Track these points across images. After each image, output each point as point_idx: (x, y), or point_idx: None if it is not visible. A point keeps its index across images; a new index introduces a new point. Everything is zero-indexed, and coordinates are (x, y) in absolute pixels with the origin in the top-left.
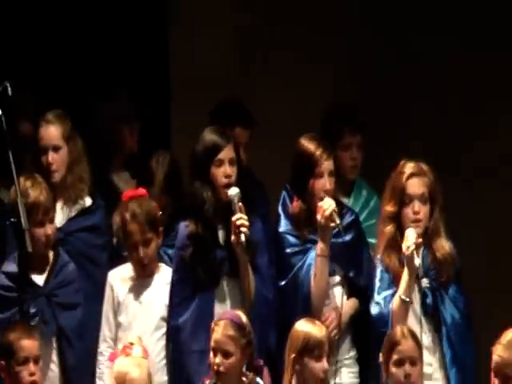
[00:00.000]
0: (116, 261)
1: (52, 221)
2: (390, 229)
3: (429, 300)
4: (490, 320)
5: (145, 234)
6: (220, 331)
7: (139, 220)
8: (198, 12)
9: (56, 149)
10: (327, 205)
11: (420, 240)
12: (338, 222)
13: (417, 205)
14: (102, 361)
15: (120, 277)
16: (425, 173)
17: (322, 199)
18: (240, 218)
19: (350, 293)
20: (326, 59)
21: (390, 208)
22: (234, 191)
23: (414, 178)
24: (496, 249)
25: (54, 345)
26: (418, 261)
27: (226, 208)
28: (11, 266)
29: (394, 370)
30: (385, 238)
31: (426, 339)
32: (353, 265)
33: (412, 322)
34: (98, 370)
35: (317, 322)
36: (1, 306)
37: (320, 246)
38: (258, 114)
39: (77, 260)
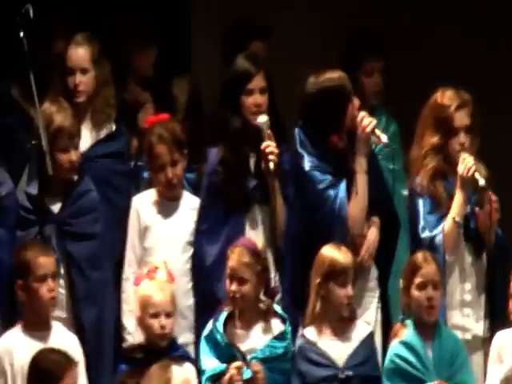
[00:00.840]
0: (135, 186)
1: (77, 147)
2: (437, 161)
3: (472, 224)
4: None
5: (172, 154)
6: (235, 258)
7: (166, 141)
8: None
9: (84, 71)
10: (367, 120)
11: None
12: (378, 133)
13: (462, 136)
14: (127, 285)
15: (146, 201)
16: (468, 102)
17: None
18: (269, 146)
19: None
20: None
21: (435, 140)
22: (262, 119)
23: (460, 110)
24: None
25: (62, 272)
26: (482, 181)
27: (256, 136)
28: (34, 188)
29: (416, 293)
30: (430, 169)
31: (465, 266)
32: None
33: None
34: (122, 295)
35: (343, 247)
36: (21, 225)
37: (359, 161)
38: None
39: (99, 186)
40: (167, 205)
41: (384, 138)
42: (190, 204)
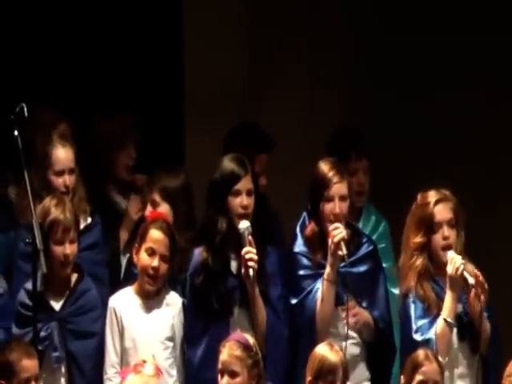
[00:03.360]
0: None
1: (73, 241)
2: (422, 260)
3: (464, 319)
4: None
5: (167, 247)
6: (226, 352)
7: (165, 232)
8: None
9: (71, 171)
10: (337, 231)
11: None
12: (344, 252)
13: (446, 230)
14: None
15: (123, 300)
16: (448, 198)
17: (331, 223)
18: (248, 252)
19: None
20: (336, 83)
21: (418, 239)
22: (244, 224)
23: (440, 205)
24: None
25: (63, 370)
26: (471, 280)
27: (239, 238)
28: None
29: None
30: (417, 270)
31: (462, 366)
32: (367, 296)
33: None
34: None
35: (335, 346)
36: (19, 322)
37: (327, 270)
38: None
39: None
40: (145, 302)
41: (344, 253)
42: (168, 299)
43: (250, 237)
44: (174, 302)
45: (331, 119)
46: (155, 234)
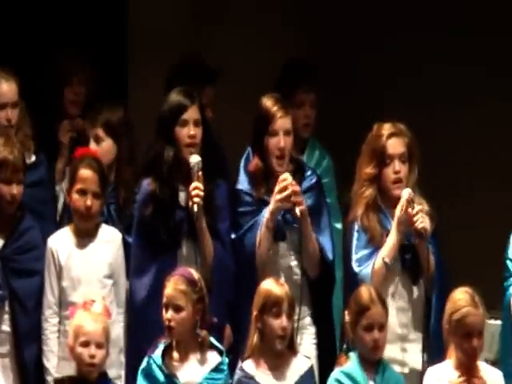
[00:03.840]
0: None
1: (20, 182)
2: (371, 191)
3: (408, 256)
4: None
5: (97, 184)
6: (171, 286)
7: (94, 169)
8: None
9: (15, 105)
10: (285, 183)
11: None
12: (298, 214)
13: (397, 164)
14: (48, 326)
15: (60, 240)
16: (403, 132)
17: (276, 158)
18: (196, 188)
19: None
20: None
21: (369, 170)
22: (194, 159)
23: (393, 138)
24: None
25: (7, 308)
26: (426, 223)
27: (188, 170)
28: None
29: (362, 334)
30: (364, 200)
31: (401, 300)
32: (312, 227)
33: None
34: (43, 337)
35: (280, 281)
36: None
37: (267, 216)
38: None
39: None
40: (81, 241)
41: (298, 212)
42: (106, 236)
43: (200, 172)
44: (112, 238)
45: (279, 55)
46: (84, 173)
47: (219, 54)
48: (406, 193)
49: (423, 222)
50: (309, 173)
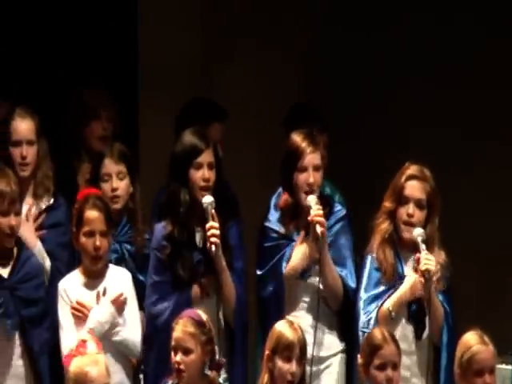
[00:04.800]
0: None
1: (18, 213)
2: (386, 226)
3: (413, 307)
4: None
5: (103, 223)
6: (180, 329)
7: (99, 208)
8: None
9: (30, 143)
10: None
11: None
12: (318, 232)
13: (411, 207)
14: None
15: (71, 283)
16: (426, 178)
17: (306, 193)
18: (211, 227)
19: None
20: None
21: (388, 204)
22: (208, 199)
23: (413, 181)
24: None
25: (17, 342)
26: (431, 265)
27: (203, 211)
28: None
29: (375, 373)
30: (381, 233)
31: (405, 342)
32: (336, 259)
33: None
34: None
35: (295, 323)
36: None
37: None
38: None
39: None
40: (92, 282)
41: (318, 230)
42: (115, 276)
43: (213, 211)
44: (122, 278)
45: (284, 95)
46: (90, 215)
47: (227, 92)
48: (418, 232)
49: (428, 264)
50: (338, 208)
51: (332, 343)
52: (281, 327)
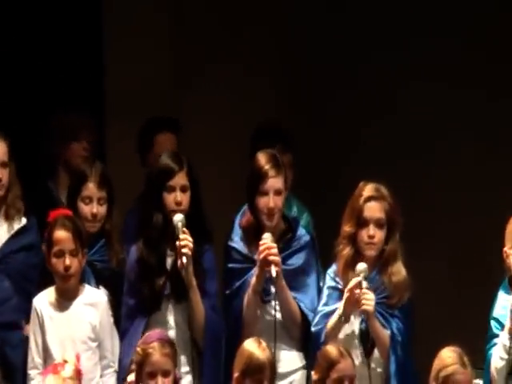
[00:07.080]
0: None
1: None
2: (348, 251)
3: (363, 326)
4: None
5: (73, 243)
6: (158, 353)
7: (69, 228)
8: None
9: (4, 165)
10: (264, 246)
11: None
12: (273, 273)
13: (372, 228)
14: None
15: (44, 300)
16: (383, 196)
17: (266, 216)
18: (184, 239)
19: None
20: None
21: (347, 228)
22: (178, 217)
23: (371, 202)
24: None
25: None
26: (371, 305)
27: (175, 234)
28: None
29: None
30: (343, 259)
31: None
32: (298, 287)
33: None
34: None
35: (263, 343)
36: None
37: (253, 281)
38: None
39: (16, 280)
40: (63, 302)
41: (273, 272)
42: (90, 299)
43: (184, 228)
44: (96, 301)
45: (252, 121)
46: (58, 235)
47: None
48: (361, 267)
49: (366, 304)
50: (302, 232)
51: (292, 360)
52: (250, 347)
